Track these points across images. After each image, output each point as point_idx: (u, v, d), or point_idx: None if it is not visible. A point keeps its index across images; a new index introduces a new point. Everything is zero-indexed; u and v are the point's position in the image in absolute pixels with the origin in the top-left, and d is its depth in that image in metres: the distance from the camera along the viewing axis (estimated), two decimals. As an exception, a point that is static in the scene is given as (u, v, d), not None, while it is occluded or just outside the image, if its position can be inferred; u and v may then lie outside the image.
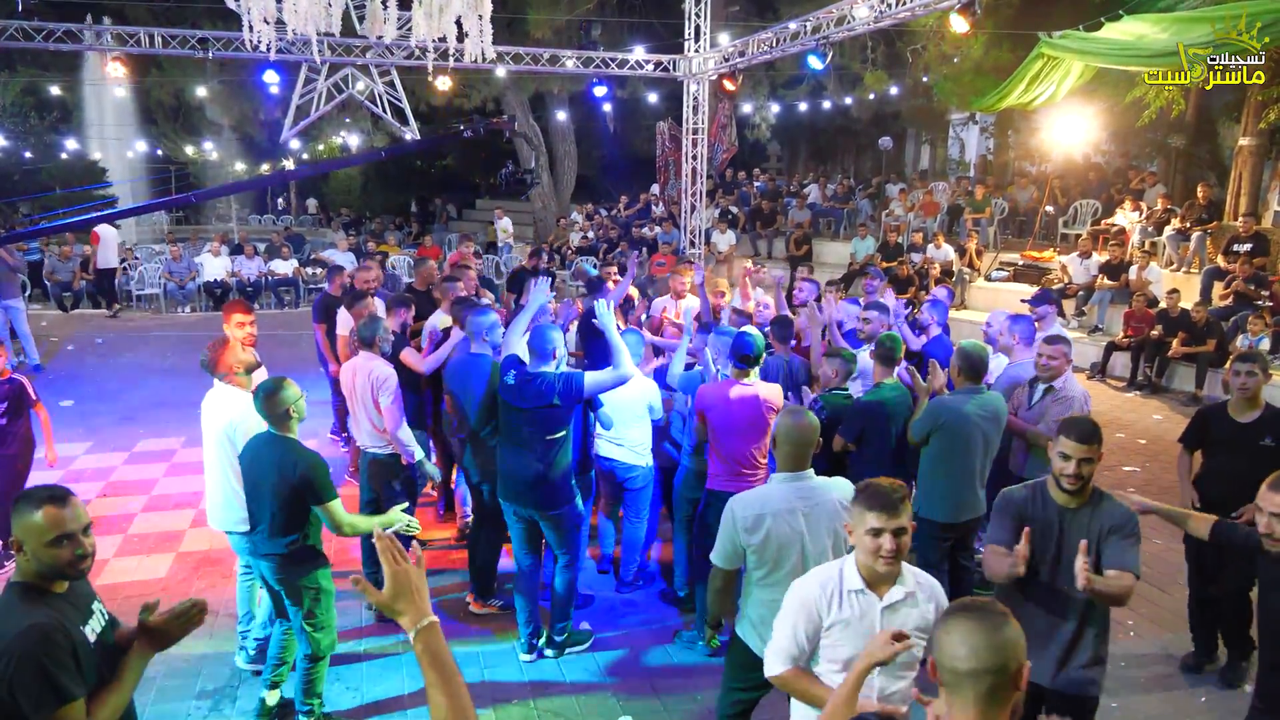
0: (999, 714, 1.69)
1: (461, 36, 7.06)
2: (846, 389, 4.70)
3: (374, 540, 1.79)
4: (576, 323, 6.40)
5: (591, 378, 4.15)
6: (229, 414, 3.99)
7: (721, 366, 4.65)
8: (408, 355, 5.40)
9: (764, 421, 4.17)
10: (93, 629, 2.34)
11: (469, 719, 1.55)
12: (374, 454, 4.82)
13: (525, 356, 4.28)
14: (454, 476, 6.03)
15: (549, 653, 4.47)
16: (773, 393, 4.28)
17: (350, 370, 4.83)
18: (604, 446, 4.97)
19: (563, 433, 4.18)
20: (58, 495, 2.25)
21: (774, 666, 2.57)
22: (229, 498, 4.04)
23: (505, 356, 4.31)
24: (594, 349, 5.98)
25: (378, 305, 5.87)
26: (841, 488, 3.06)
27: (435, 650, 1.59)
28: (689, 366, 5.13)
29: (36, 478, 6.93)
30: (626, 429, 4.83)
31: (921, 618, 2.48)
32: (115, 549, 5.71)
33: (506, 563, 5.15)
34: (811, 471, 3.10)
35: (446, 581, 5.30)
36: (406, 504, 4.08)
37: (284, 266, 15.75)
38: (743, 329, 4.60)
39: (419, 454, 4.81)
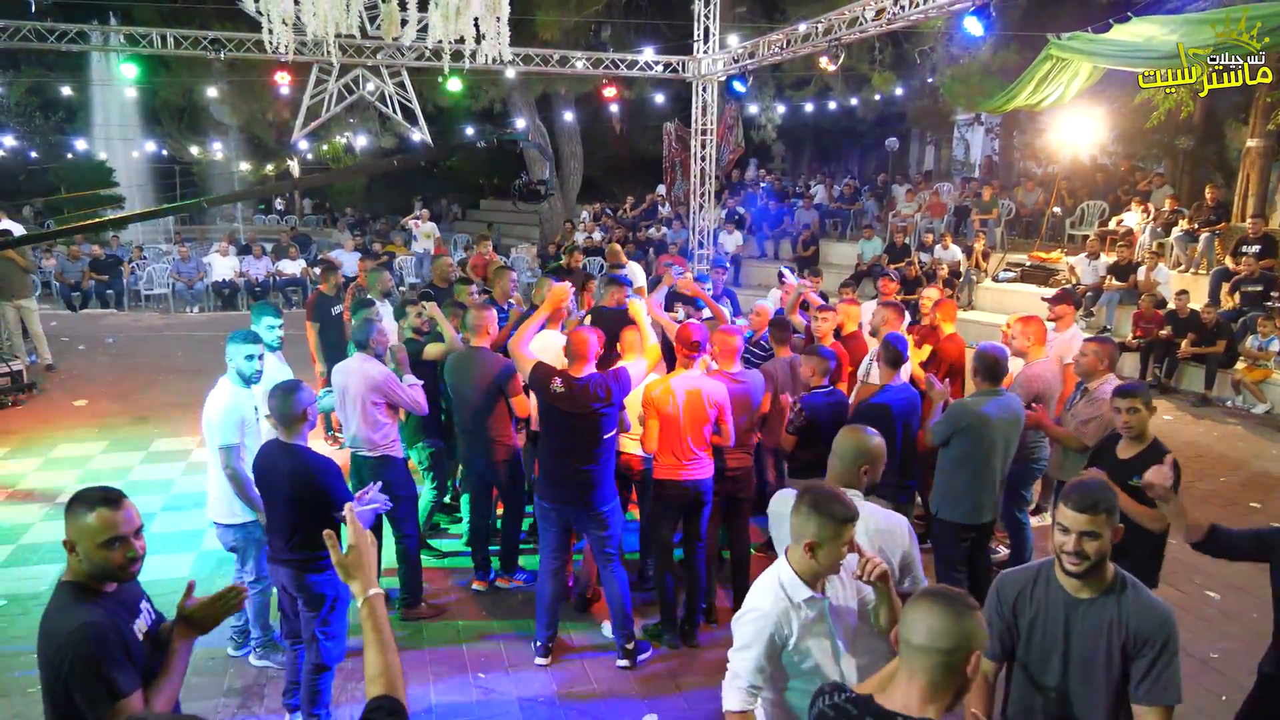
0: (942, 695, 1.82)
1: (479, 38, 7.10)
2: (826, 387, 4.72)
3: (342, 515, 2.13)
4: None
5: (635, 370, 4.27)
6: (212, 405, 4.19)
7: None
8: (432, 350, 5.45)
9: (705, 411, 4.37)
10: (140, 627, 2.37)
11: (395, 674, 1.84)
12: (364, 456, 4.78)
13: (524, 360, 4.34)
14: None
15: (623, 663, 4.41)
16: (716, 387, 4.45)
17: (342, 372, 4.83)
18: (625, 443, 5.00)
19: (615, 431, 4.26)
20: (111, 497, 2.27)
21: (733, 702, 2.39)
22: (212, 488, 4.25)
23: (537, 364, 4.28)
24: None
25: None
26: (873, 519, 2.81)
27: (379, 616, 1.92)
28: None
29: (53, 477, 7.01)
30: None
31: (847, 590, 2.49)
32: (136, 548, 5.74)
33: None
34: (857, 494, 2.83)
35: (457, 581, 5.35)
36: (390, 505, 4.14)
37: (292, 266, 15.80)
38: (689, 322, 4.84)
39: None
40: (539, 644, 4.49)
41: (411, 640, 4.67)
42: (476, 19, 6.88)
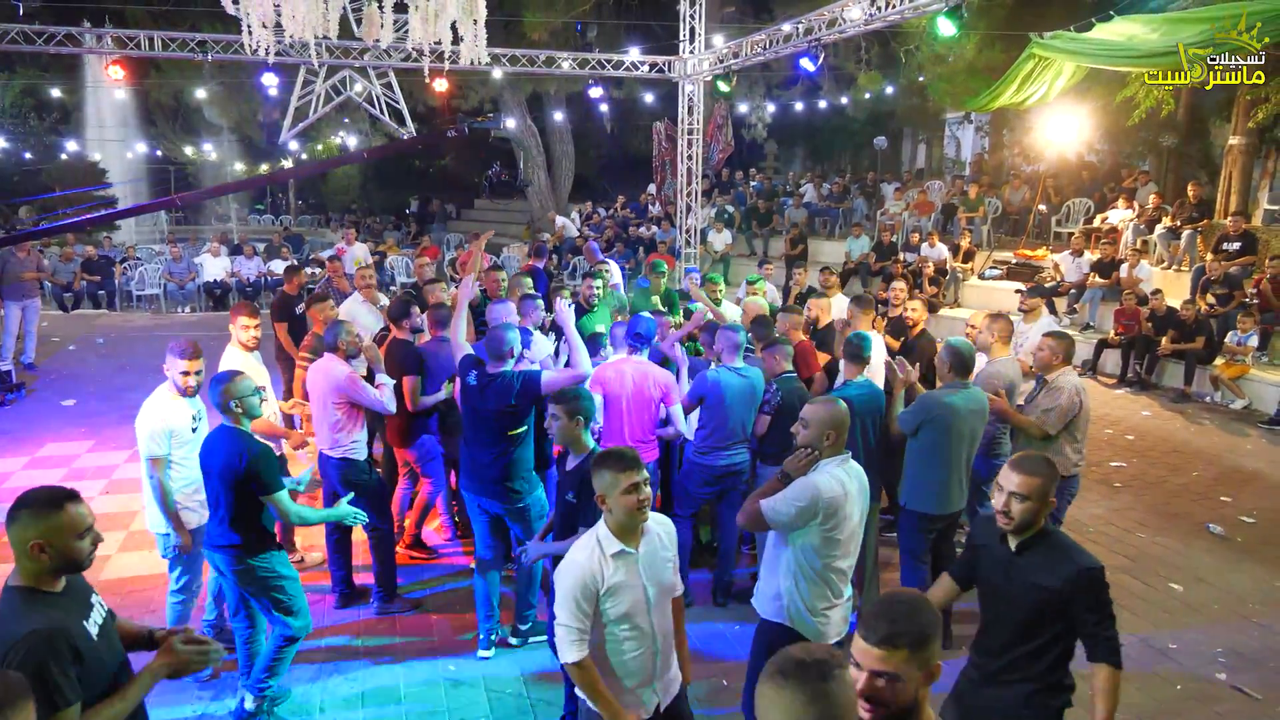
0: None
1: (457, 40, 7.17)
2: (793, 371, 4.87)
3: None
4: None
5: (549, 376, 4.31)
6: (142, 415, 4.26)
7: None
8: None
9: (649, 395, 4.66)
10: (95, 621, 2.41)
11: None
12: (328, 456, 4.87)
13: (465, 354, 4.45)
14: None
15: (514, 641, 4.57)
16: (664, 373, 4.75)
17: (312, 372, 4.96)
18: None
19: (523, 428, 4.33)
20: (73, 494, 2.34)
21: (570, 654, 2.60)
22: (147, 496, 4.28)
23: (464, 356, 4.44)
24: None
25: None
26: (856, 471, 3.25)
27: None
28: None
29: (38, 476, 7.06)
30: None
31: (664, 550, 2.79)
32: (118, 545, 5.81)
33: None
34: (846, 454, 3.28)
35: (434, 573, 5.41)
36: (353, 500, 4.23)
37: (283, 267, 15.82)
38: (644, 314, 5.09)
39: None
40: (481, 636, 4.55)
41: (385, 633, 4.73)
42: (455, 22, 6.96)
